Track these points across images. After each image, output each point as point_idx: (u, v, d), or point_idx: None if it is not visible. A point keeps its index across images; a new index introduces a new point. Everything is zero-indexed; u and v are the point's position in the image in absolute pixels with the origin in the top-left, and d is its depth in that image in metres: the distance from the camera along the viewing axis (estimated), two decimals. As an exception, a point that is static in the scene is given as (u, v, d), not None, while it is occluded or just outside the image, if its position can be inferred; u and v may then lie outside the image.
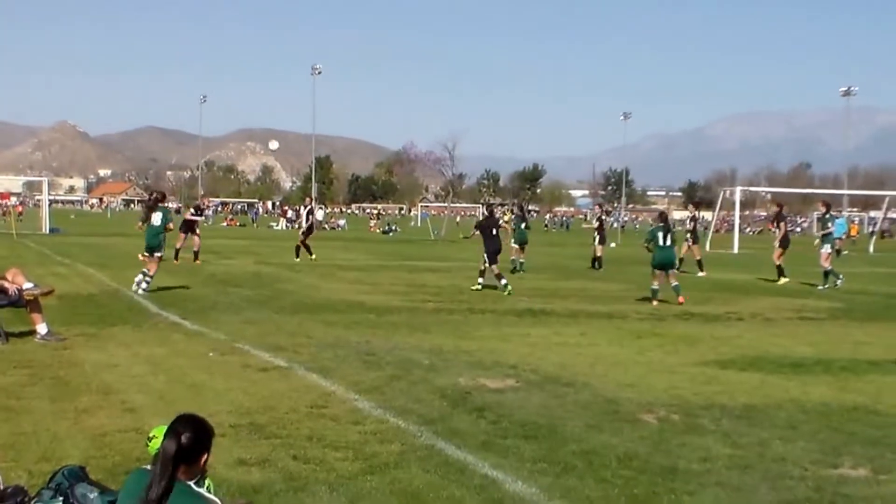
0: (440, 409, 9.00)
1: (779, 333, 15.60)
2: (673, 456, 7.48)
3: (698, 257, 30.45)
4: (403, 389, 9.90)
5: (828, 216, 26.87)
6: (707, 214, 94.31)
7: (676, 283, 20.20)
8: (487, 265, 22.17)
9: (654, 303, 19.58)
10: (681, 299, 19.60)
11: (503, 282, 21.73)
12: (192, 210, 33.30)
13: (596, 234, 32.95)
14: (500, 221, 25.99)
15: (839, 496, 6.55)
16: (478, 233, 22.97)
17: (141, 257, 19.95)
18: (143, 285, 19.14)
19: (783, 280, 26.61)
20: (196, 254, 29.45)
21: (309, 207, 35.12)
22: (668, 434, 8.21)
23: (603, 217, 35.32)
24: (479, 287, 22.12)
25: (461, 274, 27.25)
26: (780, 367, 11.96)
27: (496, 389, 10.03)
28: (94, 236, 47.73)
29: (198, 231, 30.56)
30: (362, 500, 6.23)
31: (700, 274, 28.74)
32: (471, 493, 6.40)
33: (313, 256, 32.28)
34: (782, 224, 28.54)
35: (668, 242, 20.26)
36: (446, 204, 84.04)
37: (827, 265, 25.47)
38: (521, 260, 29.77)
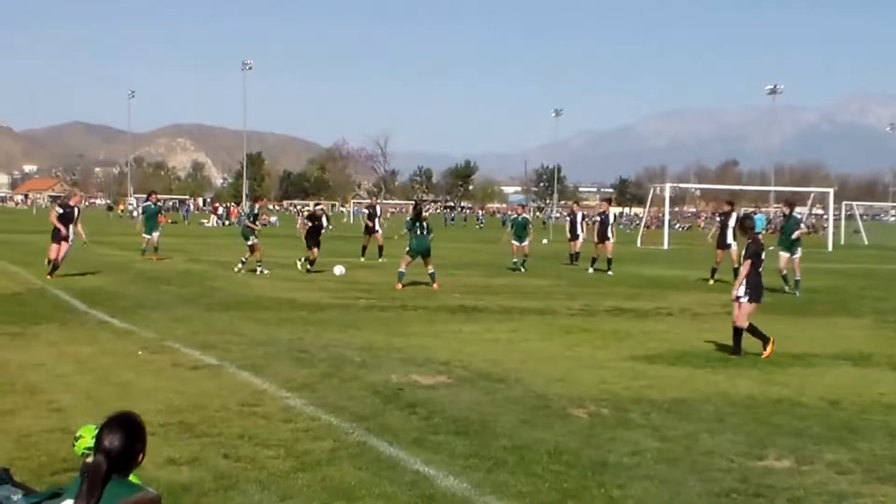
0: (372, 405, 9.01)
1: (707, 328, 15.83)
2: (603, 450, 7.57)
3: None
4: (335, 387, 9.88)
5: (792, 217, 23.67)
6: (638, 210, 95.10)
7: (433, 270, 21.99)
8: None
9: (399, 286, 21.37)
10: (436, 285, 21.47)
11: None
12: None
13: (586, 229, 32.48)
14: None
15: (763, 487, 6.70)
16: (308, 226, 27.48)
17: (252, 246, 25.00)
18: (263, 270, 24.71)
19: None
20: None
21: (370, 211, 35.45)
22: (597, 428, 8.31)
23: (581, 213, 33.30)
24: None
25: (394, 270, 27.19)
26: (707, 361, 12.18)
27: (428, 386, 10.06)
28: (19, 233, 46.66)
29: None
30: (293, 498, 6.21)
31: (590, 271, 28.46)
32: (402, 490, 6.42)
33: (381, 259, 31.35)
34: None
35: (424, 233, 22.21)
36: (379, 201, 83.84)
37: (785, 271, 22.60)
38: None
